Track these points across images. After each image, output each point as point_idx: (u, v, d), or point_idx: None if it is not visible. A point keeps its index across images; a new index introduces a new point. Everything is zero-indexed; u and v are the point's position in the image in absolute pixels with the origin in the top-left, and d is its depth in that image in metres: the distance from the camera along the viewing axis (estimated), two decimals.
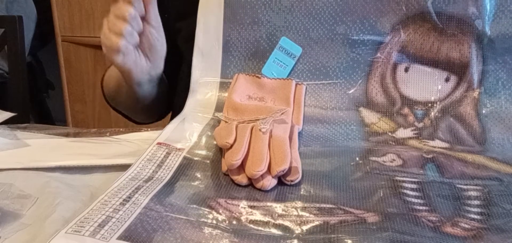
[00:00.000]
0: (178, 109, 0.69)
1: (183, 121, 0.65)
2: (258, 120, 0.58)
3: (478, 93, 0.64)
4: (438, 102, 0.64)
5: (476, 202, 0.49)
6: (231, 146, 0.53)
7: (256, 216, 0.46)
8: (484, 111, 0.63)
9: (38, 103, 2.06)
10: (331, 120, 0.65)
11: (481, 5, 0.63)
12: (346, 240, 0.42)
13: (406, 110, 0.65)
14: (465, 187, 0.51)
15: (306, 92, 0.67)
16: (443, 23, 0.64)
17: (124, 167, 0.54)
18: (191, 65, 0.71)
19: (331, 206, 0.48)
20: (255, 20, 0.68)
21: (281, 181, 0.51)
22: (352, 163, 0.56)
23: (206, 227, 0.43)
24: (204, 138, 0.61)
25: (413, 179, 0.52)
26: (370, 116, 0.65)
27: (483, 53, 0.64)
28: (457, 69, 0.65)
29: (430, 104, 0.65)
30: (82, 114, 1.99)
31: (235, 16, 0.69)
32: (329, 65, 0.67)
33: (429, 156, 0.57)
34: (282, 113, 0.59)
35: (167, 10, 0.81)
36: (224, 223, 0.44)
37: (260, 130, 0.55)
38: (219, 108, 0.67)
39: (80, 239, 0.39)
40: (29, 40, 1.87)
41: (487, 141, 0.61)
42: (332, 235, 0.43)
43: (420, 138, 0.62)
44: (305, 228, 0.44)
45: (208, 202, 0.48)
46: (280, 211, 0.47)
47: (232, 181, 0.52)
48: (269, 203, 0.48)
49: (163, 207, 0.45)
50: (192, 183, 0.51)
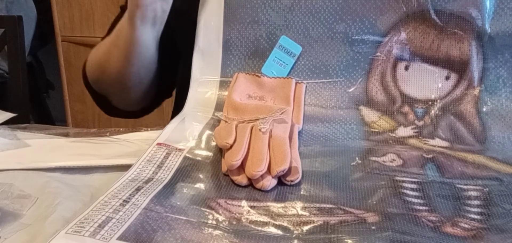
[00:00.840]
0: (178, 108, 0.69)
1: (183, 121, 0.65)
2: (258, 119, 0.58)
3: (478, 91, 0.64)
4: (439, 100, 0.64)
5: (476, 202, 0.48)
6: (231, 146, 0.53)
7: (256, 216, 0.46)
8: (484, 109, 0.63)
9: (38, 103, 2.05)
10: (331, 119, 0.65)
11: (481, 3, 0.63)
12: (346, 240, 0.42)
13: (406, 108, 0.65)
14: (465, 187, 0.51)
15: (306, 91, 0.67)
16: (443, 21, 0.64)
17: (124, 167, 0.54)
18: (189, 64, 0.70)
19: (331, 206, 0.48)
20: (255, 19, 0.68)
21: (281, 181, 0.51)
22: (352, 163, 0.56)
23: (206, 228, 0.43)
24: (204, 138, 0.61)
25: (413, 179, 0.52)
26: (370, 115, 0.65)
27: (483, 51, 0.64)
28: (457, 67, 0.64)
29: (430, 102, 0.65)
30: (82, 114, 1.99)
31: (235, 15, 0.69)
32: (329, 64, 0.67)
33: (429, 156, 0.57)
34: (282, 113, 0.59)
35: None
36: (224, 223, 0.44)
37: (260, 130, 0.55)
38: (219, 107, 0.67)
39: (80, 240, 0.39)
40: (29, 40, 1.87)
41: (488, 139, 0.61)
42: (332, 235, 0.43)
43: (420, 136, 0.62)
44: (305, 228, 0.44)
45: (208, 203, 0.48)
46: (280, 211, 0.47)
47: (232, 181, 0.52)
48: (269, 203, 0.48)
49: (163, 207, 0.45)
50: (192, 184, 0.51)
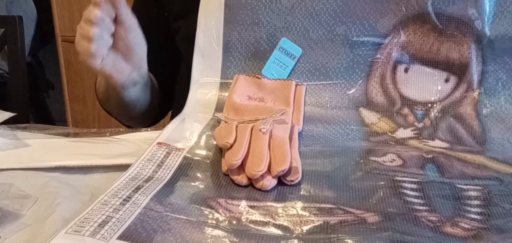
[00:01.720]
0: (178, 109, 0.69)
1: (183, 121, 0.65)
2: (258, 120, 0.58)
3: (478, 93, 0.64)
4: (438, 103, 0.64)
5: (476, 202, 0.49)
6: (231, 146, 0.53)
7: (256, 216, 0.46)
8: (484, 112, 0.63)
9: (38, 103, 2.05)
10: (331, 120, 0.65)
11: (480, 6, 0.63)
12: (346, 240, 0.42)
13: (406, 110, 0.65)
14: (465, 187, 0.51)
15: (306, 93, 0.67)
16: (442, 24, 0.64)
17: (124, 167, 0.54)
18: (190, 65, 0.71)
19: (331, 206, 0.48)
20: (255, 21, 0.68)
21: (281, 181, 0.51)
22: (352, 163, 0.56)
23: (206, 227, 0.43)
24: (204, 138, 0.61)
25: (413, 179, 0.52)
26: (370, 116, 0.65)
27: (482, 54, 0.64)
28: (456, 70, 0.65)
29: (430, 105, 0.65)
30: (82, 114, 1.98)
31: (235, 17, 0.69)
32: (329, 66, 0.67)
33: (429, 156, 0.57)
34: (282, 114, 0.59)
35: (166, 9, 0.81)
36: (224, 223, 0.44)
37: (260, 130, 0.55)
38: (219, 108, 0.67)
39: (80, 239, 0.39)
40: (29, 40, 1.87)
41: (487, 141, 0.61)
42: (332, 235, 0.43)
43: (420, 138, 0.62)
44: (305, 228, 0.44)
45: (208, 202, 0.48)
46: (280, 211, 0.47)
47: (232, 181, 0.52)
48: (269, 203, 0.48)
49: (163, 207, 0.45)
50: (192, 183, 0.51)
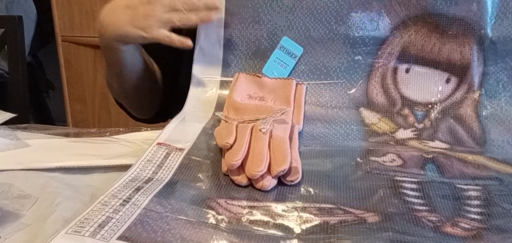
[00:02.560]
0: (178, 108, 0.68)
1: (183, 120, 0.65)
2: (258, 120, 0.58)
3: (478, 95, 0.64)
4: (438, 104, 0.64)
5: (476, 202, 0.49)
6: (231, 146, 0.53)
7: (256, 216, 0.46)
8: (484, 113, 0.63)
9: (38, 103, 2.05)
10: (331, 120, 0.65)
11: (483, 7, 0.63)
12: (346, 240, 0.42)
13: (406, 111, 0.65)
14: (465, 187, 0.51)
15: (306, 92, 0.67)
16: (444, 25, 0.64)
17: (124, 167, 0.54)
18: (190, 63, 0.70)
19: (331, 206, 0.48)
20: (256, 19, 0.68)
21: (281, 181, 0.51)
22: (352, 163, 0.56)
23: (206, 228, 0.43)
24: (204, 138, 0.61)
25: (413, 179, 0.52)
26: (370, 117, 0.65)
27: (484, 55, 0.64)
28: (457, 71, 0.65)
29: (430, 105, 0.65)
30: (82, 114, 1.98)
31: (236, 15, 0.69)
32: (329, 65, 0.67)
33: (429, 156, 0.57)
34: (283, 113, 0.59)
35: None
36: (224, 223, 0.44)
37: (260, 130, 0.55)
38: (219, 106, 0.67)
39: (80, 240, 0.39)
40: (29, 40, 1.87)
41: (487, 142, 0.61)
42: (332, 235, 0.43)
43: (420, 139, 0.62)
44: (305, 228, 0.44)
45: (208, 203, 0.48)
46: (280, 211, 0.47)
47: (232, 181, 0.52)
48: (269, 203, 0.48)
49: (163, 207, 0.45)
50: (192, 184, 0.51)
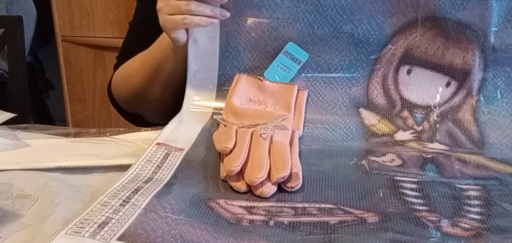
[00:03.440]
0: (177, 107, 0.68)
1: (182, 120, 0.64)
2: (258, 125, 0.57)
3: (476, 100, 0.64)
4: (437, 107, 0.64)
5: (476, 202, 0.49)
6: (231, 151, 0.52)
7: (256, 216, 0.46)
8: (482, 118, 0.63)
9: (38, 103, 2.05)
10: (331, 121, 0.65)
11: (489, 14, 0.63)
12: (346, 240, 0.42)
13: (405, 113, 0.65)
14: (465, 187, 0.51)
15: (306, 89, 0.66)
16: (450, 29, 0.64)
17: (124, 167, 0.54)
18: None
19: (331, 206, 0.48)
20: (256, 12, 0.66)
21: (281, 187, 0.51)
22: (351, 163, 0.56)
23: (206, 228, 0.43)
24: (203, 138, 0.60)
25: (413, 179, 0.52)
26: (370, 117, 0.65)
27: (485, 62, 0.64)
28: (458, 75, 0.64)
29: (429, 109, 0.65)
30: (82, 114, 1.98)
31: (234, 7, 0.66)
32: (332, 63, 0.66)
33: (428, 156, 0.57)
34: (283, 119, 0.58)
35: None
36: (224, 223, 0.44)
37: (260, 135, 0.54)
38: (218, 98, 0.66)
39: (80, 240, 0.39)
40: (29, 40, 1.87)
41: (486, 145, 0.62)
42: (332, 235, 0.43)
43: (419, 140, 0.62)
44: (305, 228, 0.44)
45: (208, 203, 0.48)
46: (280, 211, 0.47)
47: (231, 188, 0.51)
48: (269, 204, 0.48)
49: (162, 208, 0.45)
50: (192, 184, 0.51)
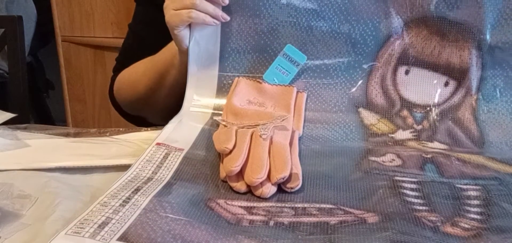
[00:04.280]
0: (179, 108, 0.68)
1: (182, 120, 0.64)
2: (258, 125, 0.57)
3: (475, 99, 0.64)
4: (437, 106, 0.65)
5: (476, 202, 0.49)
6: (231, 151, 0.52)
7: (256, 216, 0.46)
8: (481, 117, 0.63)
9: (38, 103, 2.05)
10: (330, 121, 0.65)
11: (484, 13, 0.63)
12: (346, 240, 0.42)
13: (405, 112, 0.65)
14: (464, 187, 0.51)
15: (305, 90, 0.66)
16: (445, 28, 0.65)
17: (124, 167, 0.54)
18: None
19: (331, 206, 0.48)
20: (256, 13, 0.67)
21: (280, 187, 0.51)
22: (351, 163, 0.56)
23: (206, 228, 0.43)
24: (203, 138, 0.60)
25: (412, 179, 0.52)
26: (369, 117, 0.65)
27: (482, 60, 0.64)
28: (456, 74, 0.65)
29: (429, 108, 0.65)
30: (82, 114, 1.98)
31: (235, 7, 0.66)
32: (330, 64, 0.67)
33: (428, 156, 0.58)
34: (283, 120, 0.58)
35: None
36: (224, 223, 0.44)
37: (260, 136, 0.54)
38: (218, 95, 0.66)
39: (80, 240, 0.39)
40: (29, 40, 1.87)
41: (485, 144, 0.62)
42: (332, 235, 0.43)
43: (419, 140, 0.63)
44: (305, 228, 0.44)
45: (208, 203, 0.48)
46: (280, 211, 0.47)
47: (230, 188, 0.51)
48: (269, 204, 0.48)
49: (162, 208, 0.45)
50: (192, 184, 0.51)
